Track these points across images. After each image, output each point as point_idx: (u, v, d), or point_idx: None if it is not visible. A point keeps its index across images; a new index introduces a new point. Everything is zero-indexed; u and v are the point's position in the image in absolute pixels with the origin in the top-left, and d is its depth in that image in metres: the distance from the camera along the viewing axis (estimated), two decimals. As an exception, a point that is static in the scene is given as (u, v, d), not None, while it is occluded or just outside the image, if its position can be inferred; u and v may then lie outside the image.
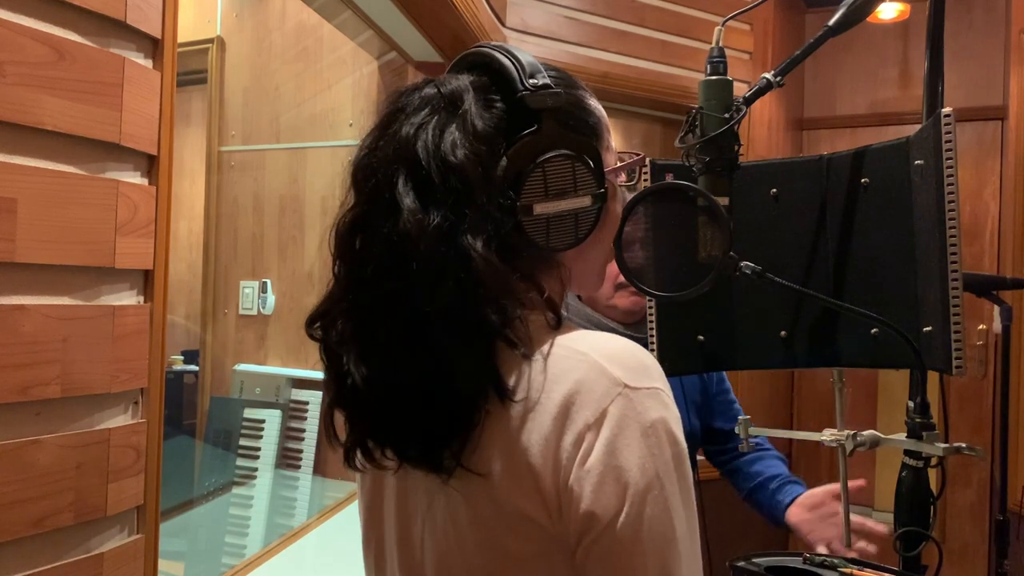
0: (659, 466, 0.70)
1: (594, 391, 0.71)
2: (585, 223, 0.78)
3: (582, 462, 0.70)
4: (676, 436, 0.72)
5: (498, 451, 0.72)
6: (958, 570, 3.70)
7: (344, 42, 2.83)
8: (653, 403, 0.71)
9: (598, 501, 0.69)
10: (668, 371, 1.36)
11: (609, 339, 0.76)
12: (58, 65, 0.94)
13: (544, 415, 0.71)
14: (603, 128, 0.85)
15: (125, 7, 1.04)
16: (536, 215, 0.76)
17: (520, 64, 0.79)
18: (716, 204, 1.04)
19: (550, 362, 0.73)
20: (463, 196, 0.73)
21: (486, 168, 0.74)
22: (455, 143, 0.74)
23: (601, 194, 0.79)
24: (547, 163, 0.76)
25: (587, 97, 0.85)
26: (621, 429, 0.70)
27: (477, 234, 0.72)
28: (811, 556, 1.30)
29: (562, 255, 0.80)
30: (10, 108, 0.88)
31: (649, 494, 0.70)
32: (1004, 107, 3.43)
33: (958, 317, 1.08)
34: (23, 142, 0.91)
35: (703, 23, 3.24)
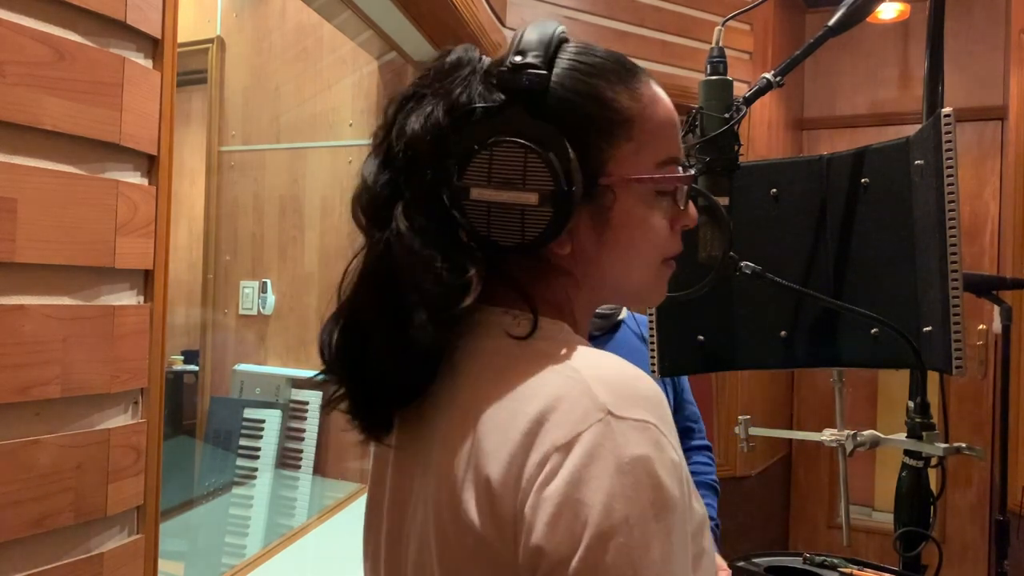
0: (631, 510, 0.59)
1: (572, 411, 0.62)
2: (535, 223, 0.68)
3: (542, 487, 0.61)
4: (661, 481, 0.61)
5: (463, 457, 0.66)
6: (958, 570, 3.70)
7: (344, 42, 2.83)
8: (638, 437, 0.61)
9: (550, 537, 0.60)
10: (668, 371, 1.37)
11: (612, 360, 0.68)
12: (58, 65, 0.94)
13: (514, 429, 0.64)
14: (628, 128, 0.73)
15: (125, 7, 1.04)
16: (475, 200, 0.68)
17: (519, 40, 0.73)
18: (716, 204, 1.04)
19: (533, 369, 0.66)
20: (410, 167, 0.69)
21: (439, 143, 0.69)
22: (423, 113, 0.70)
23: (557, 194, 0.68)
24: (494, 147, 0.68)
25: (614, 90, 0.73)
26: (592, 459, 0.60)
27: (412, 209, 0.68)
28: (811, 556, 1.30)
29: (561, 259, 0.73)
30: (10, 108, 0.88)
31: (612, 540, 0.59)
32: (1004, 107, 3.43)
33: (958, 317, 1.08)
34: (23, 142, 0.90)
35: (703, 23, 3.24)
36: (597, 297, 0.78)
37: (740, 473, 3.44)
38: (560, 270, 0.74)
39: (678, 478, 0.62)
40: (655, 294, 0.81)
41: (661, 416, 0.64)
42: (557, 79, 0.72)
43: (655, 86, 0.77)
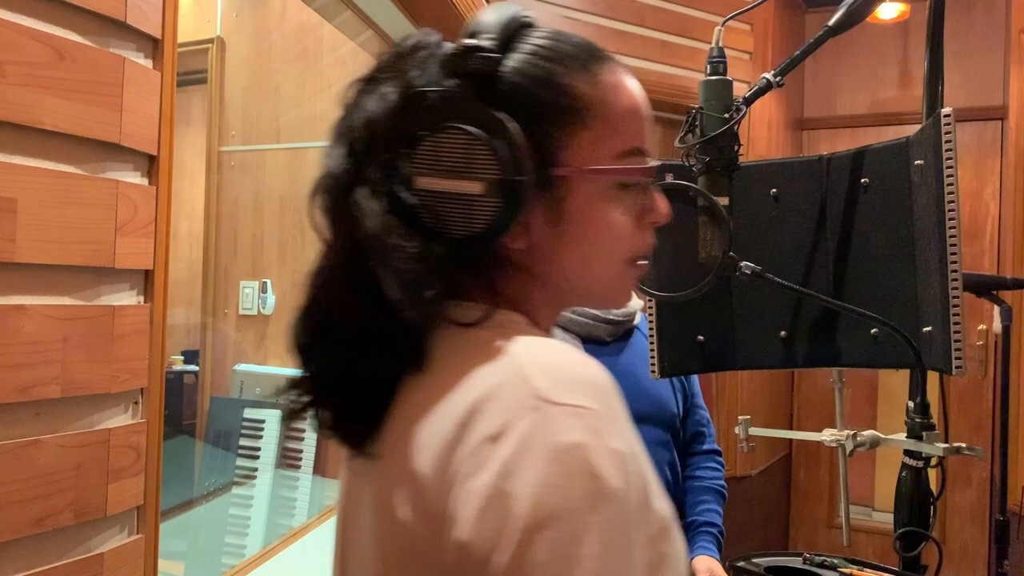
0: (562, 502, 0.55)
1: (506, 399, 0.59)
2: (482, 214, 0.65)
3: (469, 480, 0.57)
4: (597, 471, 0.56)
5: (399, 451, 0.63)
6: (958, 570, 3.70)
7: (344, 42, 2.83)
8: (574, 424, 0.57)
9: (476, 530, 0.56)
10: (668, 371, 1.37)
11: (555, 346, 0.64)
12: (58, 65, 0.94)
13: (447, 419, 0.61)
14: (585, 116, 0.69)
15: (125, 7, 1.04)
16: (423, 189, 0.66)
17: (475, 23, 0.70)
18: (716, 204, 1.04)
19: (476, 358, 0.63)
20: (370, 149, 0.67)
21: (395, 125, 0.67)
22: (379, 95, 0.68)
23: (504, 183, 0.65)
24: (440, 134, 0.65)
25: (571, 75, 0.69)
26: (523, 448, 0.56)
27: (375, 193, 0.66)
28: (811, 556, 1.30)
29: (517, 254, 0.70)
30: (10, 108, 0.88)
31: (539, 534, 0.54)
32: (1004, 107, 3.43)
33: (958, 317, 1.08)
34: (23, 142, 0.91)
35: (703, 23, 3.24)
36: (559, 296, 0.74)
37: (740, 473, 3.44)
38: (517, 265, 0.71)
39: (622, 469, 0.58)
40: (620, 295, 0.77)
41: (605, 403, 0.60)
42: (511, 63, 0.69)
43: (621, 74, 0.73)
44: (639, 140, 0.73)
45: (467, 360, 0.64)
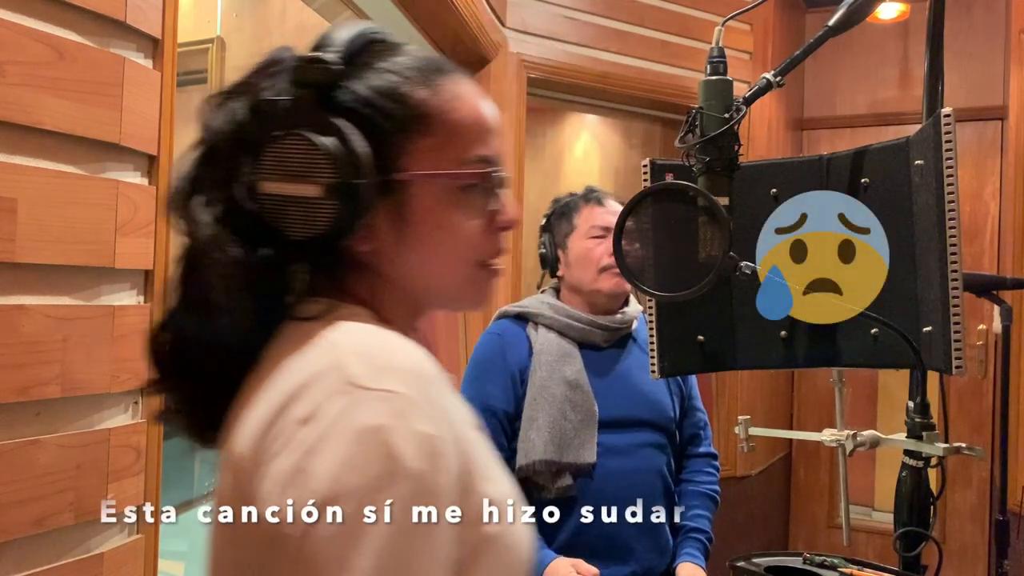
0: (357, 480, 0.58)
1: (321, 385, 0.62)
2: (323, 216, 0.68)
3: (276, 458, 0.61)
4: (396, 453, 0.58)
5: (230, 435, 0.67)
6: (958, 570, 3.70)
7: (344, 42, 2.83)
8: (378, 407, 0.60)
9: (276, 506, 0.59)
10: (668, 371, 1.37)
11: (378, 334, 0.68)
12: (58, 65, 0.94)
13: (268, 405, 0.64)
14: (427, 124, 0.73)
15: (125, 7, 1.04)
16: (267, 194, 0.69)
17: (322, 37, 0.74)
18: (716, 204, 1.04)
19: (295, 348, 0.67)
20: (211, 161, 0.72)
21: (239, 137, 0.70)
22: (227, 109, 0.72)
23: (342, 187, 0.68)
24: (283, 140, 0.68)
25: (411, 85, 0.73)
26: (328, 430, 0.59)
27: (212, 202, 0.70)
28: (811, 556, 1.30)
29: (365, 256, 0.73)
30: (10, 108, 0.88)
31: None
32: (1004, 107, 3.43)
33: (958, 317, 1.08)
34: (23, 142, 0.90)
35: (703, 23, 3.24)
36: (411, 297, 0.77)
37: (740, 473, 3.44)
38: (365, 266, 0.74)
39: (426, 451, 0.60)
40: (473, 298, 0.79)
41: (418, 388, 0.62)
42: (354, 74, 0.72)
43: (465, 87, 0.78)
44: (482, 148, 0.76)
45: (295, 350, 0.67)
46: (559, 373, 1.75)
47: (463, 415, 0.69)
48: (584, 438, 1.72)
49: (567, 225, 1.86)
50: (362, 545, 0.57)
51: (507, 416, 1.77)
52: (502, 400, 1.77)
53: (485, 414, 1.76)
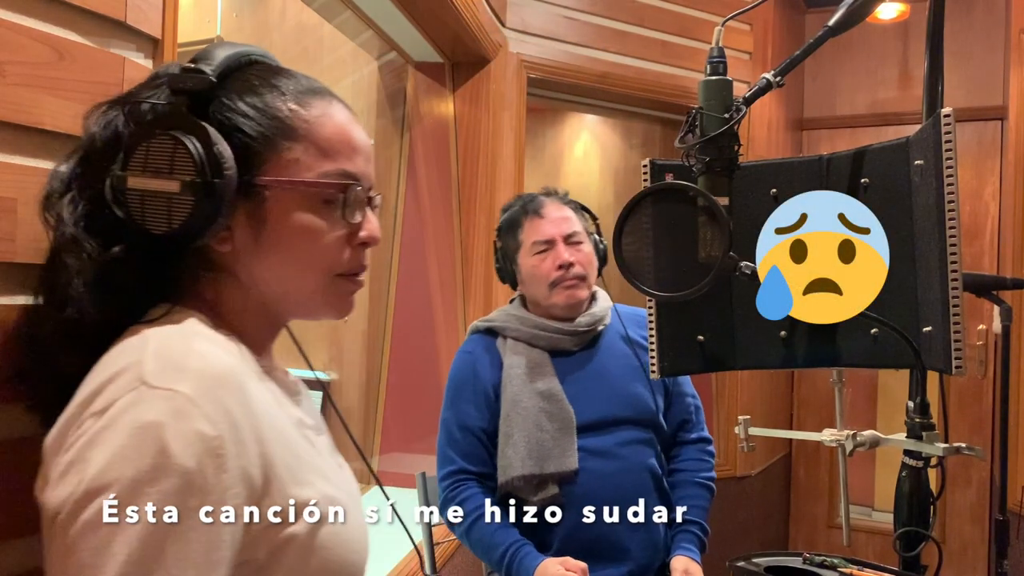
0: (126, 471, 0.61)
1: (119, 382, 0.66)
2: (180, 211, 0.72)
3: (67, 449, 0.65)
4: (169, 448, 0.62)
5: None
6: (958, 570, 3.70)
7: (344, 42, 2.83)
8: (159, 405, 0.63)
9: (52, 492, 0.65)
10: (668, 371, 1.37)
11: (182, 336, 0.71)
12: (58, 65, 0.94)
13: (76, 400, 0.68)
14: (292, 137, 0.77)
15: (125, 7, 1.04)
16: (131, 188, 0.73)
17: (202, 52, 0.79)
18: (716, 204, 1.04)
19: (118, 348, 0.70)
20: (82, 162, 0.77)
21: (112, 141, 0.75)
22: (105, 117, 0.77)
23: (200, 184, 0.72)
24: (152, 139, 0.73)
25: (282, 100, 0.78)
26: (112, 423, 0.63)
27: (77, 200, 0.75)
28: (811, 556, 1.30)
29: (223, 257, 0.77)
30: (10, 108, 0.88)
31: (98, 497, 0.61)
32: (1004, 107, 3.43)
33: (958, 317, 1.08)
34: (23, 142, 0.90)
35: (703, 23, 3.25)
36: (265, 303, 0.81)
37: (740, 473, 3.44)
38: (221, 268, 0.78)
39: (202, 450, 0.63)
40: (328, 308, 0.82)
41: (207, 390, 0.65)
42: (228, 87, 0.77)
43: (335, 108, 0.81)
44: (347, 164, 0.80)
45: (115, 351, 0.71)
46: (530, 385, 1.73)
47: (278, 420, 0.73)
48: (564, 446, 1.70)
49: (514, 241, 1.82)
50: (123, 533, 0.61)
51: (485, 433, 1.76)
52: (477, 418, 1.76)
53: (464, 433, 1.75)
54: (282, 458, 0.71)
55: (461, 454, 1.75)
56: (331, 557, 0.74)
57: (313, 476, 0.74)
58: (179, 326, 0.73)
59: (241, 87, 0.78)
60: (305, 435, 0.79)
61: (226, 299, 0.79)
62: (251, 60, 0.81)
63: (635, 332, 1.83)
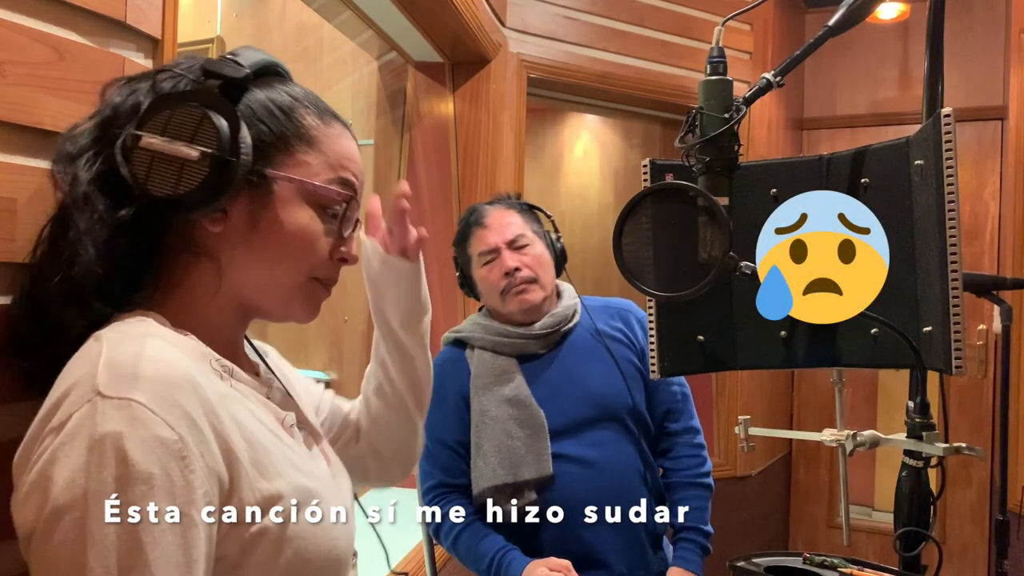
0: (91, 486, 0.61)
1: (74, 395, 0.65)
2: (189, 178, 0.73)
3: (30, 468, 0.65)
4: (130, 457, 0.62)
5: None
6: (958, 570, 3.70)
7: (344, 42, 2.83)
8: (115, 415, 0.63)
9: (19, 514, 0.64)
10: (668, 371, 1.37)
11: (134, 343, 0.70)
12: (58, 65, 0.94)
13: (39, 414, 0.68)
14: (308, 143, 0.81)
15: (125, 7, 1.04)
16: (143, 148, 0.74)
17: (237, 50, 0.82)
18: (716, 204, 1.04)
19: (74, 358, 0.70)
20: (100, 127, 0.78)
21: (132, 109, 0.77)
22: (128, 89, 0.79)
23: (217, 158, 0.73)
24: (177, 106, 0.75)
25: (305, 110, 0.82)
26: (70, 438, 0.63)
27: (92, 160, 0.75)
28: (811, 556, 1.30)
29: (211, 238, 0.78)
30: (10, 108, 0.88)
31: (66, 515, 0.61)
32: (1004, 107, 3.43)
33: (958, 317, 1.08)
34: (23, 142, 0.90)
35: (703, 23, 3.24)
36: (239, 293, 0.81)
37: (740, 473, 3.44)
38: (207, 252, 0.79)
39: (166, 453, 0.64)
40: (299, 308, 0.84)
41: (162, 395, 0.65)
42: (258, 84, 0.80)
43: (349, 137, 0.86)
44: (350, 177, 0.84)
45: (71, 362, 0.70)
46: (497, 394, 1.70)
47: (239, 416, 0.73)
48: (538, 451, 1.66)
49: (465, 254, 1.80)
50: (98, 546, 0.61)
51: (461, 445, 1.74)
52: (448, 430, 1.74)
53: (438, 447, 1.73)
54: (247, 453, 0.71)
55: (439, 467, 1.74)
56: (307, 547, 0.74)
57: (284, 468, 0.75)
58: (131, 329, 0.72)
59: (270, 89, 0.81)
60: (272, 429, 0.79)
61: (200, 284, 0.80)
62: (280, 72, 0.85)
63: (604, 323, 1.79)
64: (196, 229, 0.78)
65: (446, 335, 1.86)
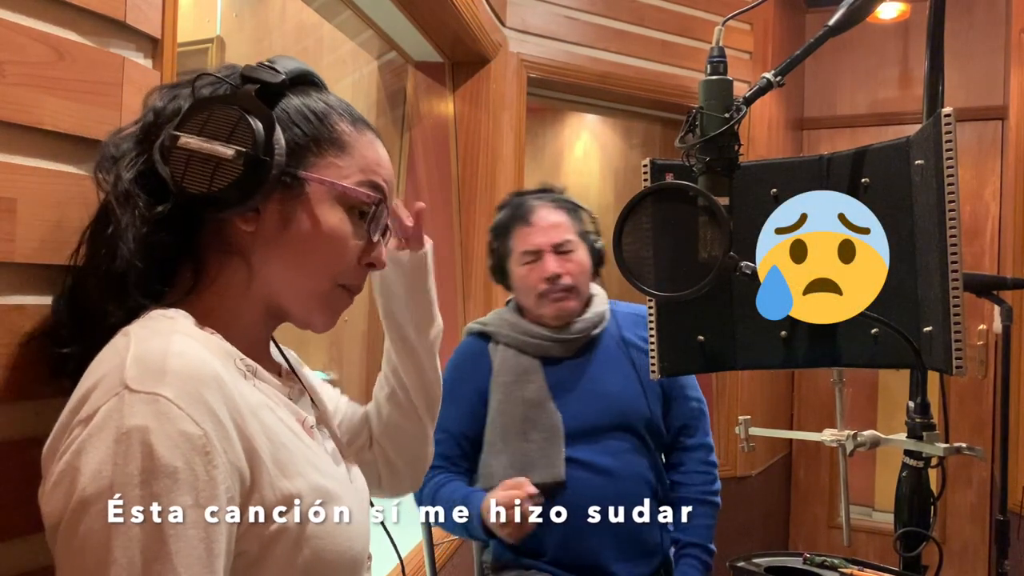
0: (117, 478, 0.63)
1: (103, 387, 0.67)
2: (224, 176, 0.76)
3: (59, 458, 0.66)
4: (156, 451, 0.64)
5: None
6: (958, 570, 3.70)
7: (344, 42, 2.83)
8: (143, 409, 0.65)
9: (47, 503, 0.66)
10: (668, 371, 1.37)
11: (163, 338, 0.71)
12: (58, 65, 0.94)
13: (68, 406, 0.69)
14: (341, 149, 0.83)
15: (125, 7, 1.04)
16: (180, 147, 0.76)
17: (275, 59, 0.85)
18: (716, 204, 1.04)
19: (104, 351, 0.72)
20: (142, 131, 0.81)
21: (174, 110, 0.80)
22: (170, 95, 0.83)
23: (251, 157, 0.76)
24: (215, 107, 0.77)
25: (340, 117, 0.85)
26: (98, 430, 0.65)
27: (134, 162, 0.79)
28: (811, 556, 1.30)
29: (244, 237, 0.80)
30: (10, 108, 0.88)
31: (93, 506, 0.63)
32: (1004, 107, 3.43)
33: (958, 317, 1.08)
34: (23, 142, 0.90)
35: (703, 23, 3.24)
36: (267, 295, 0.83)
37: (740, 473, 3.44)
38: (237, 251, 0.81)
39: (190, 448, 0.65)
40: (320, 314, 0.85)
41: (188, 391, 0.66)
42: (294, 91, 0.83)
43: (379, 144, 0.88)
44: (379, 182, 0.86)
45: (101, 355, 0.72)
46: (517, 393, 1.70)
47: (262, 415, 0.74)
48: (551, 456, 1.66)
49: (504, 246, 1.78)
50: (122, 539, 0.62)
51: (467, 438, 1.73)
52: (457, 421, 1.73)
53: (443, 435, 1.71)
54: (268, 452, 0.72)
55: (439, 454, 1.72)
56: (325, 547, 0.75)
57: (304, 468, 0.76)
58: (160, 325, 0.74)
59: (305, 96, 0.84)
60: (293, 429, 0.80)
61: (232, 282, 0.81)
62: (315, 80, 0.88)
63: (631, 332, 1.79)
64: (230, 228, 0.80)
65: (470, 325, 1.86)
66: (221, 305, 0.81)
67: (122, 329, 0.74)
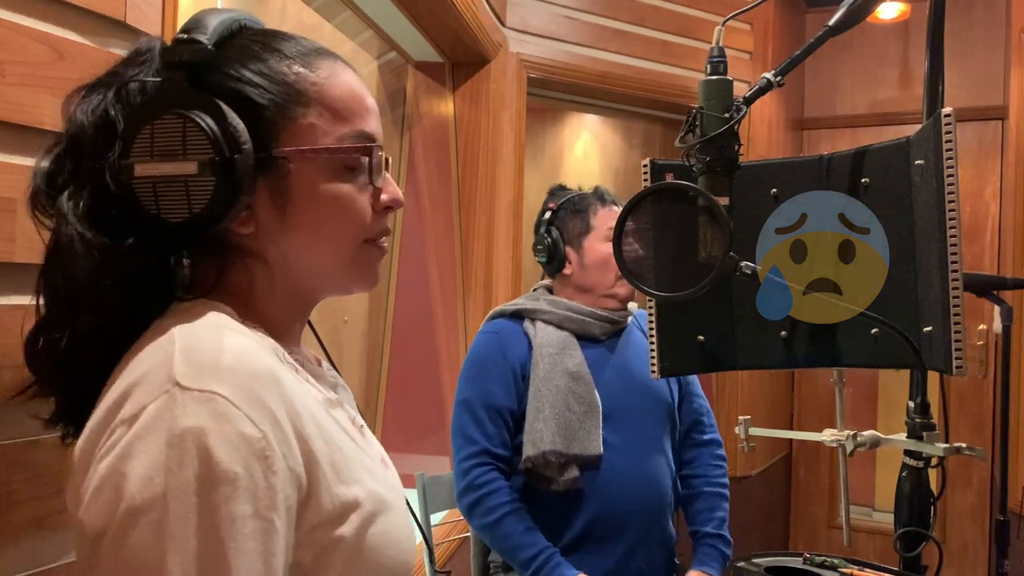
0: (171, 484, 0.57)
1: (148, 385, 0.61)
2: (200, 194, 0.66)
3: (100, 460, 0.60)
4: (213, 455, 0.57)
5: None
6: (958, 570, 3.70)
7: (344, 42, 2.83)
8: (197, 409, 0.58)
9: (89, 510, 0.59)
10: (668, 371, 1.37)
11: (213, 331, 0.65)
12: (58, 65, 0.94)
13: (105, 405, 0.63)
14: (304, 101, 0.72)
15: (125, 7, 1.04)
16: (140, 177, 0.66)
17: (191, 20, 0.73)
18: (716, 204, 1.04)
19: (142, 346, 0.65)
20: (72, 155, 0.70)
21: (104, 127, 0.69)
22: (90, 103, 0.71)
23: (218, 162, 0.66)
24: (155, 121, 0.67)
25: (286, 64, 0.73)
26: (145, 431, 0.58)
27: (76, 195, 0.68)
28: (811, 556, 1.30)
29: (247, 240, 0.72)
30: (10, 108, 0.88)
31: (144, 516, 0.57)
32: (1004, 107, 3.43)
33: (958, 317, 1.08)
34: (23, 142, 0.90)
35: (703, 23, 3.24)
36: (295, 283, 0.75)
37: (740, 473, 3.44)
38: (247, 252, 0.73)
39: (250, 452, 0.59)
40: (361, 278, 0.78)
41: (245, 389, 0.60)
42: (226, 54, 0.72)
43: (340, 67, 0.76)
44: (362, 124, 0.75)
45: (139, 347, 0.66)
46: (561, 365, 1.74)
47: (318, 416, 0.68)
48: (589, 429, 1.71)
49: (582, 224, 1.83)
50: (179, 551, 0.56)
51: (511, 412, 1.77)
52: (504, 397, 1.76)
53: (489, 412, 1.76)
54: (326, 456, 0.66)
55: (484, 435, 1.75)
56: (381, 558, 0.69)
57: (360, 474, 0.70)
58: (206, 320, 0.67)
59: (240, 54, 0.73)
60: (347, 430, 0.74)
61: (253, 285, 0.74)
62: (243, 25, 0.77)
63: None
64: (229, 234, 0.72)
65: (499, 308, 1.89)
66: (252, 307, 0.74)
67: (155, 322, 0.68)
